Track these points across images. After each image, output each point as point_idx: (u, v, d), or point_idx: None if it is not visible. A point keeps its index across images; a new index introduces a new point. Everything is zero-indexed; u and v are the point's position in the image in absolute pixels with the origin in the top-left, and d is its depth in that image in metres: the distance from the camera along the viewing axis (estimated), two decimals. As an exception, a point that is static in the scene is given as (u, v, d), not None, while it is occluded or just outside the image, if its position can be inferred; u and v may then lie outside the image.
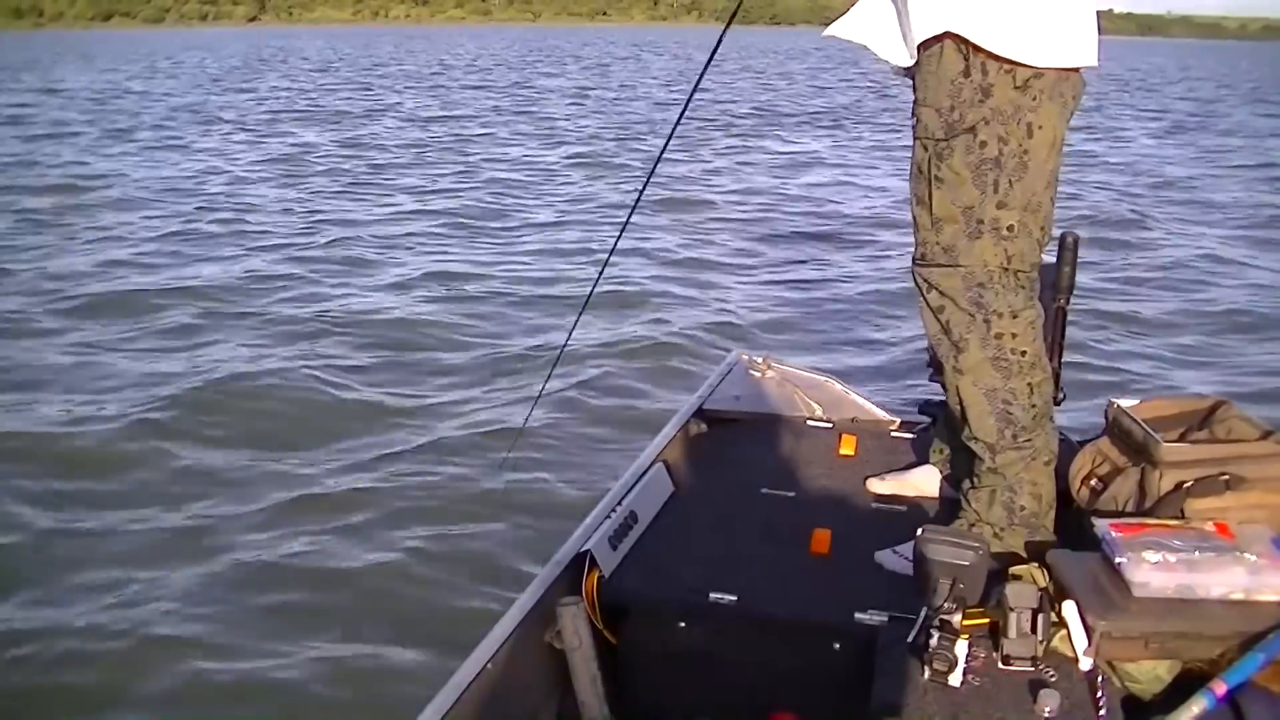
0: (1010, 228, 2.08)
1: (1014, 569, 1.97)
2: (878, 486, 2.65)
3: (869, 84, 28.65)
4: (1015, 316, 2.13)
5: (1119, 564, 1.85)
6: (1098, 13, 2.09)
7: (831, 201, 11.13)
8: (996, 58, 1.99)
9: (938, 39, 2.04)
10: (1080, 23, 2.04)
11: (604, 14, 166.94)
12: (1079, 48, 2.04)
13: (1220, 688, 1.65)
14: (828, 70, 38.06)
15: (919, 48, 2.08)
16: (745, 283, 7.61)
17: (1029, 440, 2.19)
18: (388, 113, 20.75)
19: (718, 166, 13.32)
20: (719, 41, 2.20)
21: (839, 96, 26.27)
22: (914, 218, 2.19)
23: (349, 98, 24.25)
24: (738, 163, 13.79)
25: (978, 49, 2.00)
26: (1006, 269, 2.11)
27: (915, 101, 2.14)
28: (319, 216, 10.08)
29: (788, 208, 10.67)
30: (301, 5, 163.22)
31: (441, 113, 20.63)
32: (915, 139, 2.15)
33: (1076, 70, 2.06)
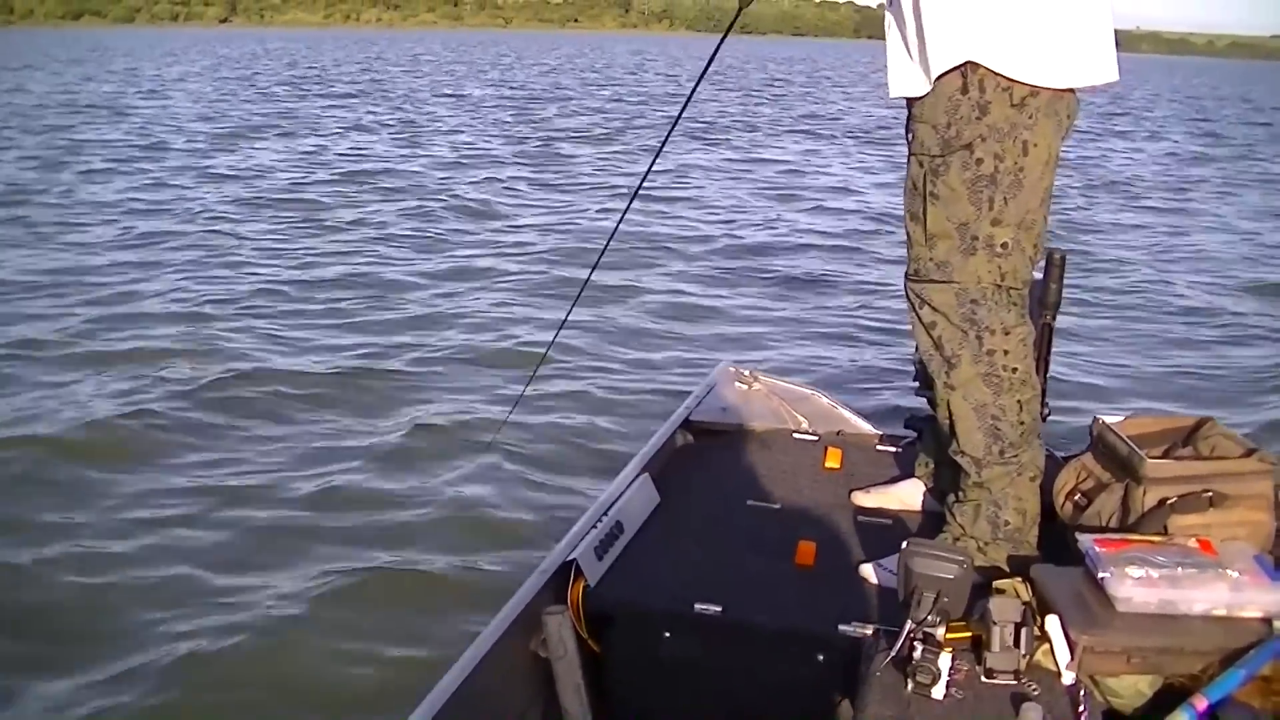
0: (1004, 244, 2.10)
1: (997, 583, 1.99)
2: (863, 500, 2.66)
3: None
4: (1007, 333, 2.15)
5: (1102, 579, 1.87)
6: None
7: (820, 213, 11.11)
8: (994, 75, 2.00)
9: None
10: (1092, 42, 2.05)
11: (575, 21, 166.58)
12: (1085, 67, 2.06)
13: (1201, 703, 1.67)
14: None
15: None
16: (729, 296, 7.58)
17: (1015, 456, 2.20)
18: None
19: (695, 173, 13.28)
20: (715, 50, 2.17)
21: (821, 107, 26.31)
22: (908, 233, 2.20)
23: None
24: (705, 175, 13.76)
25: (976, 67, 2.01)
26: (1000, 286, 2.12)
27: (911, 118, 2.15)
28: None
29: (769, 220, 10.63)
30: (273, 8, 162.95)
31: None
32: (911, 155, 2.15)
33: (1071, 90, 2.08)
